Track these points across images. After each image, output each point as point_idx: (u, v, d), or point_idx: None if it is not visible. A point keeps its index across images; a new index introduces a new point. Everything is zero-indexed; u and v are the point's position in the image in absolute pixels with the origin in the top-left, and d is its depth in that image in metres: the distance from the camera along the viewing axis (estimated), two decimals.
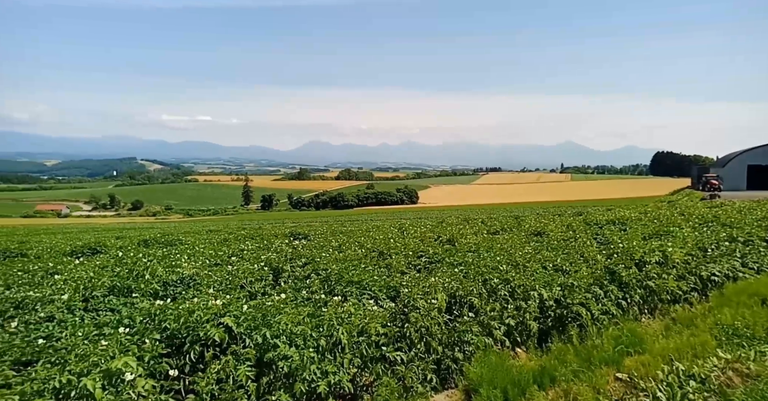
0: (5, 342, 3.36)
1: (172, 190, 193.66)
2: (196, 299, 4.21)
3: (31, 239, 22.42)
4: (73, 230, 35.84)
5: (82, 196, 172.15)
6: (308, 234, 16.29)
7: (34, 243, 17.81)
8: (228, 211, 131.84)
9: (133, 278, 6.01)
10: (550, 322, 5.39)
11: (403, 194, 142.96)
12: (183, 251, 11.10)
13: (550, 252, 7.91)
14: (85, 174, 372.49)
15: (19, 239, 22.13)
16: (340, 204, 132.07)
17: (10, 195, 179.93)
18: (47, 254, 13.04)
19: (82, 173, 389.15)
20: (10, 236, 26.19)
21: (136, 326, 3.64)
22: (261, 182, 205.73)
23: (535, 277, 5.92)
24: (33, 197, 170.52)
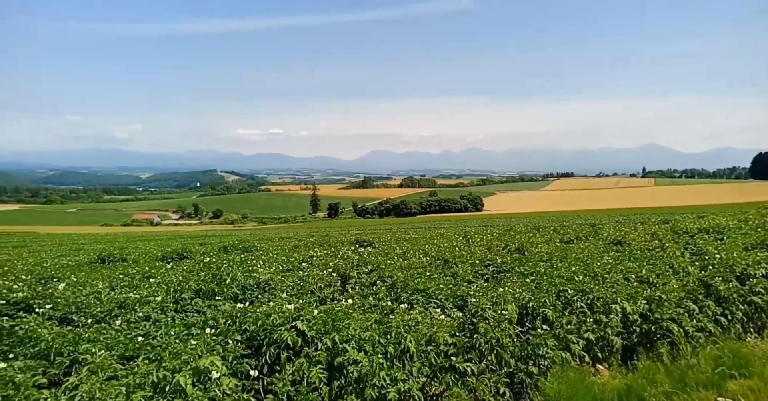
0: (112, 338, 3.79)
1: (248, 199, 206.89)
2: (272, 303, 4.44)
3: (129, 245, 25.07)
4: (163, 237, 39.50)
5: (171, 206, 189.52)
6: (373, 241, 16.53)
7: (131, 249, 19.90)
8: (297, 219, 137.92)
9: (216, 282, 6.48)
10: (636, 338, 4.96)
11: (467, 202, 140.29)
12: (258, 257, 11.76)
13: (632, 263, 7.31)
14: (173, 186, 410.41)
15: (120, 245, 24.85)
16: (402, 212, 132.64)
17: (112, 206, 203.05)
18: (143, 259, 14.49)
19: (170, 184, 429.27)
20: (112, 243, 29.53)
21: (219, 327, 3.93)
22: (327, 191, 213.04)
23: (616, 289, 5.50)
24: (130, 207, 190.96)
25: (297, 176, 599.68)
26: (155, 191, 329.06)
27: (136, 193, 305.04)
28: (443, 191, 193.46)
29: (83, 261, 14.40)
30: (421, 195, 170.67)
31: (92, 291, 6.20)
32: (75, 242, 33.29)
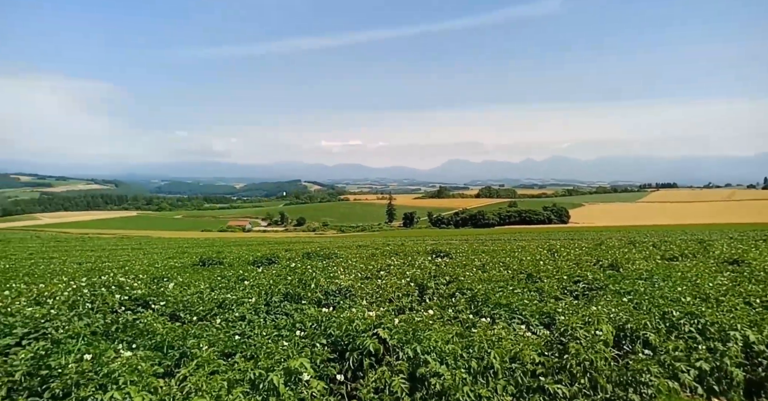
0: (214, 335, 4.16)
1: (328, 208, 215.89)
2: (354, 310, 4.57)
3: (224, 249, 27.42)
4: (253, 243, 42.60)
5: (260, 214, 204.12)
6: (449, 252, 16.28)
7: (227, 253, 21.74)
8: (374, 227, 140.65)
9: (301, 287, 6.83)
10: (762, 372, 4.28)
11: (550, 213, 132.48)
12: (338, 264, 12.18)
13: (755, 285, 6.36)
14: (263, 195, 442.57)
15: (217, 249, 27.28)
16: (480, 222, 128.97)
17: (211, 213, 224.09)
18: (237, 262, 15.75)
19: (260, 194, 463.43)
20: (210, 247, 32.51)
21: (306, 330, 4.12)
22: (403, 201, 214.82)
23: (734, 314, 4.81)
24: (226, 214, 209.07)
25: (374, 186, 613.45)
26: (247, 200, 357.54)
27: (231, 201, 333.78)
28: (524, 202, 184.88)
29: (187, 263, 16.02)
30: (499, 206, 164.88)
31: (195, 291, 6.88)
32: (180, 245, 37.25)
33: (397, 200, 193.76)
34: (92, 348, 3.20)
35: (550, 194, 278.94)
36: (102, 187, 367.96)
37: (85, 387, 2.71)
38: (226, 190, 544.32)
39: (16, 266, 13.99)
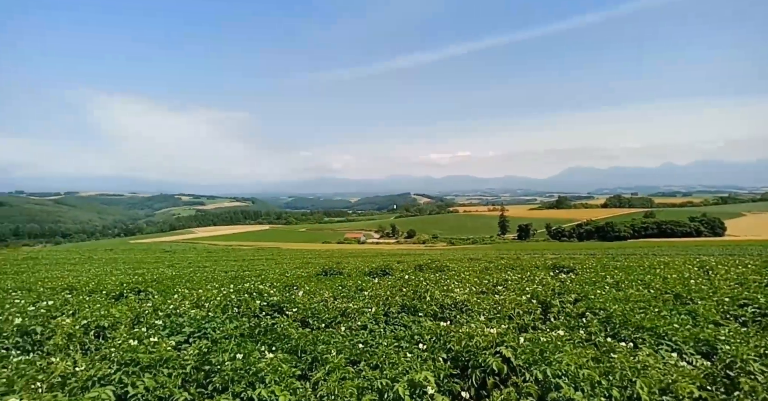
0: (340, 342, 4.42)
1: (437, 220, 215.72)
2: (473, 325, 4.45)
3: (342, 260, 29.09)
4: (368, 255, 44.45)
5: (373, 226, 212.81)
6: (574, 267, 14.91)
7: (345, 264, 23.02)
8: (485, 240, 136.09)
9: (417, 299, 6.90)
10: None
11: (699, 224, 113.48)
12: (451, 277, 12.01)
13: None
14: (375, 208, 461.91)
15: (336, 260, 29.07)
16: (608, 235, 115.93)
17: (329, 226, 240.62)
18: (354, 273, 16.56)
19: (372, 207, 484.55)
20: (330, 258, 34.81)
21: (426, 343, 4.14)
22: (516, 212, 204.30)
23: None
24: (343, 227, 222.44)
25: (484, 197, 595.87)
26: (361, 214, 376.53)
27: (347, 215, 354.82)
28: (664, 212, 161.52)
29: (312, 273, 17.35)
30: (632, 216, 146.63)
31: (321, 299, 7.40)
32: (305, 256, 40.62)
33: (510, 212, 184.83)
34: (242, 349, 3.65)
35: (697, 203, 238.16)
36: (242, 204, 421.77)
37: (238, 383, 3.10)
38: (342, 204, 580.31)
39: (180, 274, 16.67)
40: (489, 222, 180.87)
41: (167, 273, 16.74)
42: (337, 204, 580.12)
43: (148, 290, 10.04)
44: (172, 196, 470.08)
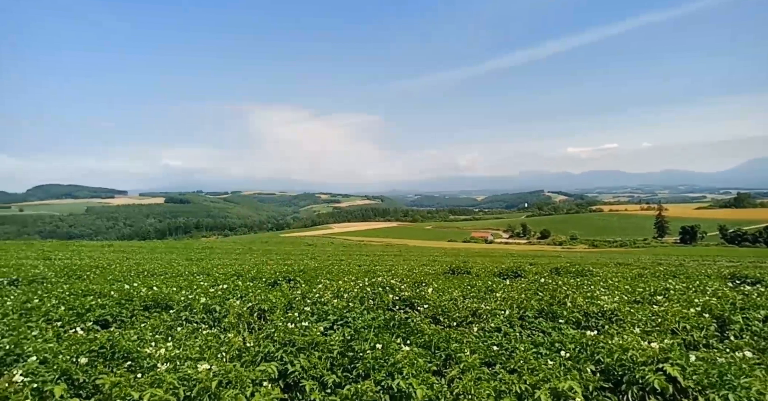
0: (474, 343, 4.36)
1: (576, 220, 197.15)
2: (627, 337, 3.94)
3: (469, 259, 28.64)
4: (496, 254, 42.98)
5: (501, 225, 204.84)
6: (762, 278, 12.12)
7: (472, 263, 22.61)
8: (637, 243, 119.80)
9: (556, 304, 6.40)
10: None
11: None
12: (595, 283, 10.86)
13: None
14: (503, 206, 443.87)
15: (462, 259, 28.77)
16: None
17: (455, 224, 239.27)
18: (483, 273, 16.14)
19: (501, 205, 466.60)
20: (457, 257, 34.59)
21: (569, 352, 3.81)
22: (678, 211, 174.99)
23: None
24: (468, 226, 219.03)
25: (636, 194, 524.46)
26: (488, 212, 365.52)
27: (474, 213, 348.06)
28: None
29: (439, 271, 17.46)
30: None
31: (450, 298, 7.38)
32: (431, 254, 41.14)
33: (670, 211, 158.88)
34: (380, 339, 3.86)
35: None
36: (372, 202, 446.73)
37: (379, 372, 3.28)
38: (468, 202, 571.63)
39: (321, 266, 18.40)
40: (641, 223, 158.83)
41: (310, 265, 18.63)
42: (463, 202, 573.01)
43: (297, 279, 11.27)
44: (314, 195, 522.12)
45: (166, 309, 6.69)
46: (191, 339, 4.68)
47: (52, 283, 9.82)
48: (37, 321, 5.48)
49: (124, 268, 14.18)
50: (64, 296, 7.38)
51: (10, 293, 7.87)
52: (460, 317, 6.01)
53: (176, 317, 6.12)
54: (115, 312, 6.19)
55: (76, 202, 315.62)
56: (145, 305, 6.80)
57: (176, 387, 2.98)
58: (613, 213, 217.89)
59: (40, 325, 5.26)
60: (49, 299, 6.99)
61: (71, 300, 6.93)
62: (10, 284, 9.60)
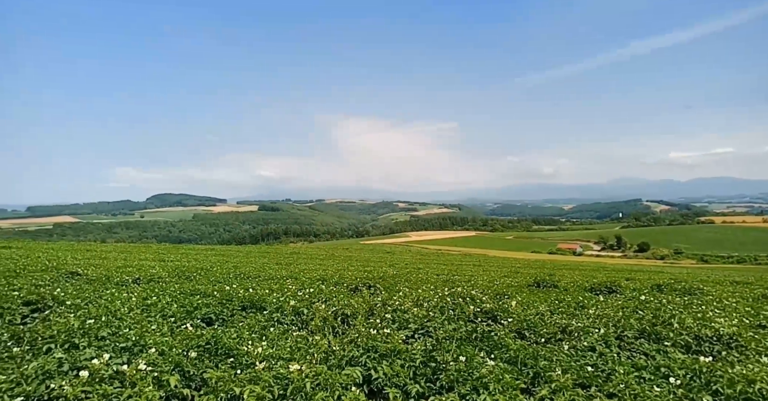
0: (565, 361, 4.08)
1: (681, 232, 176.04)
2: (751, 367, 3.43)
3: (556, 272, 26.90)
4: (586, 268, 39.83)
5: (592, 236, 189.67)
6: None
7: (559, 276, 21.21)
8: (759, 259, 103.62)
9: (660, 325, 5.77)
10: None
11: None
12: (708, 302, 9.61)
13: None
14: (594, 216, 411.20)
15: (548, 271, 27.10)
16: None
17: (539, 235, 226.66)
18: (572, 287, 15.08)
19: (591, 215, 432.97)
20: (542, 269, 32.68)
21: (679, 379, 3.40)
22: None
23: None
24: (554, 236, 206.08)
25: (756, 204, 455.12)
26: (577, 222, 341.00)
27: (560, 223, 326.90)
28: None
29: (522, 283, 16.65)
30: None
31: (536, 312, 7.00)
32: (513, 265, 39.36)
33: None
34: (463, 351, 3.80)
35: None
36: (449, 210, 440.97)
37: (463, 385, 3.22)
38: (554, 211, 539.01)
39: (399, 274, 18.54)
40: (763, 237, 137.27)
41: (389, 272, 18.87)
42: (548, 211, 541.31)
43: (377, 286, 11.49)
44: (391, 203, 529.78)
45: (260, 310, 7.21)
46: (282, 339, 4.99)
47: (165, 282, 11.10)
48: (155, 316, 6.23)
49: (224, 270, 15.56)
50: (175, 295, 8.32)
51: (134, 290, 9.06)
52: (548, 333, 5.68)
53: (269, 318, 6.57)
54: (218, 311, 6.82)
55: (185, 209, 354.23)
56: (243, 305, 7.40)
57: (271, 386, 3.20)
58: (727, 225, 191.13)
59: (158, 320, 5.97)
60: (163, 296, 7.93)
61: (181, 299, 7.78)
62: (133, 283, 11.04)
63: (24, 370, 3.39)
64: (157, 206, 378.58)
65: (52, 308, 6.71)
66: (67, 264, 15.12)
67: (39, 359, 3.66)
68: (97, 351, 3.91)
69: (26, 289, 8.43)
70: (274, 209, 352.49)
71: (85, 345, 4.28)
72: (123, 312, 6.22)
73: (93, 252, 25.73)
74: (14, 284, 9.69)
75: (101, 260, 19.03)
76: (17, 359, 3.90)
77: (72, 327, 4.74)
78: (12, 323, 5.79)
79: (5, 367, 3.65)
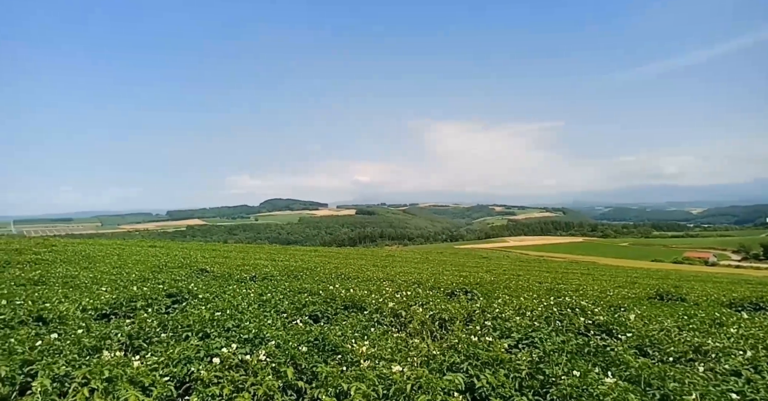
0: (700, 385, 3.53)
1: None
2: None
3: (683, 284, 23.56)
4: (722, 280, 34.28)
5: (730, 245, 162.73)
6: None
7: (687, 289, 18.56)
8: None
9: None
10: None
11: None
12: None
13: None
14: (731, 222, 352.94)
15: (673, 283, 23.83)
16: None
17: (661, 242, 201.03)
18: (704, 301, 13.13)
19: (728, 220, 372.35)
20: (665, 280, 28.88)
21: None
22: None
23: None
24: (680, 244, 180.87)
25: None
26: (708, 228, 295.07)
27: (687, 229, 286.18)
28: None
29: (640, 295, 14.92)
30: None
31: (660, 328, 6.22)
32: (628, 275, 35.38)
33: None
34: (575, 366, 3.51)
35: None
36: (552, 214, 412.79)
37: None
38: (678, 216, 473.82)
39: (497, 280, 17.84)
40: None
41: (486, 278, 18.27)
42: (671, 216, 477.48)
43: (474, 292, 11.23)
44: (487, 206, 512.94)
45: (360, 310, 7.51)
46: (383, 340, 5.13)
47: (277, 280, 12.13)
48: (270, 311, 6.85)
49: (326, 270, 16.51)
50: (286, 292, 9.05)
51: (251, 287, 10.06)
52: (677, 351, 5.00)
53: (369, 318, 6.80)
54: (323, 309, 7.26)
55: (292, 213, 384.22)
56: (345, 305, 7.78)
57: (376, 385, 3.31)
58: None
59: (272, 315, 6.56)
60: (276, 293, 8.68)
61: (291, 296, 8.44)
62: (251, 280, 12.27)
63: (171, 353, 3.97)
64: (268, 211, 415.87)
65: (187, 300, 7.76)
66: (197, 262, 17.36)
67: (180, 345, 4.26)
68: (225, 341, 4.43)
69: (168, 283, 9.89)
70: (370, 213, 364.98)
71: (215, 334, 4.88)
72: (243, 306, 6.95)
73: (217, 251, 29.17)
74: (159, 278, 11.43)
75: (224, 259, 21.48)
76: (164, 343, 4.60)
77: (204, 318, 5.44)
78: (159, 312, 6.83)
79: (156, 349, 4.33)
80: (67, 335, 4.82)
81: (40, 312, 6.04)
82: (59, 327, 5.41)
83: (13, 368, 3.59)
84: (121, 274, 12.25)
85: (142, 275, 11.87)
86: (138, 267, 14.45)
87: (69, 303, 6.81)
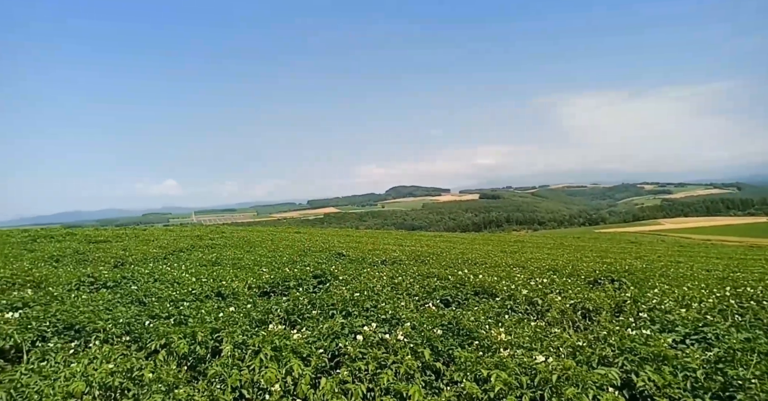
0: None
1: None
2: None
3: None
4: None
5: None
6: None
7: None
8: None
9: None
10: None
11: None
12: None
13: None
14: None
15: None
16: None
17: None
18: None
19: None
20: None
21: None
22: None
23: None
24: None
25: None
26: None
27: None
28: None
29: None
30: None
31: None
32: None
33: None
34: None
35: None
36: (722, 191, 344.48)
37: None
38: None
39: (652, 268, 15.61)
40: None
41: (636, 265, 16.13)
42: None
43: (622, 280, 10.06)
44: (634, 185, 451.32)
45: (491, 296, 7.33)
46: (519, 327, 4.92)
47: (405, 265, 12.55)
48: (402, 294, 7.12)
49: (452, 256, 16.49)
50: (415, 276, 9.31)
51: (383, 270, 10.60)
52: None
53: (502, 305, 6.60)
54: (453, 294, 7.28)
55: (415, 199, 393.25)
56: (475, 290, 7.68)
57: (518, 374, 3.19)
58: None
59: (405, 297, 6.81)
60: (405, 277, 8.98)
61: (420, 280, 8.65)
62: (382, 264, 12.93)
63: (321, 329, 4.43)
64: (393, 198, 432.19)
65: (330, 281, 8.53)
66: (335, 247, 18.94)
67: (328, 321, 4.72)
68: (365, 320, 4.75)
69: (313, 265, 11.00)
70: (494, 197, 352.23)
71: (356, 314, 5.28)
72: (378, 288, 7.36)
73: (350, 237, 31.43)
74: (305, 261, 12.78)
75: (356, 243, 23.05)
76: (314, 319, 5.14)
77: (345, 298, 5.92)
78: (307, 291, 7.65)
79: (308, 325, 4.87)
80: (239, 308, 5.74)
81: (219, 289, 7.33)
82: (233, 302, 6.48)
83: (206, 334, 4.43)
84: (275, 257, 14.02)
85: (291, 258, 13.41)
86: (288, 251, 16.37)
87: (239, 281, 8.09)
